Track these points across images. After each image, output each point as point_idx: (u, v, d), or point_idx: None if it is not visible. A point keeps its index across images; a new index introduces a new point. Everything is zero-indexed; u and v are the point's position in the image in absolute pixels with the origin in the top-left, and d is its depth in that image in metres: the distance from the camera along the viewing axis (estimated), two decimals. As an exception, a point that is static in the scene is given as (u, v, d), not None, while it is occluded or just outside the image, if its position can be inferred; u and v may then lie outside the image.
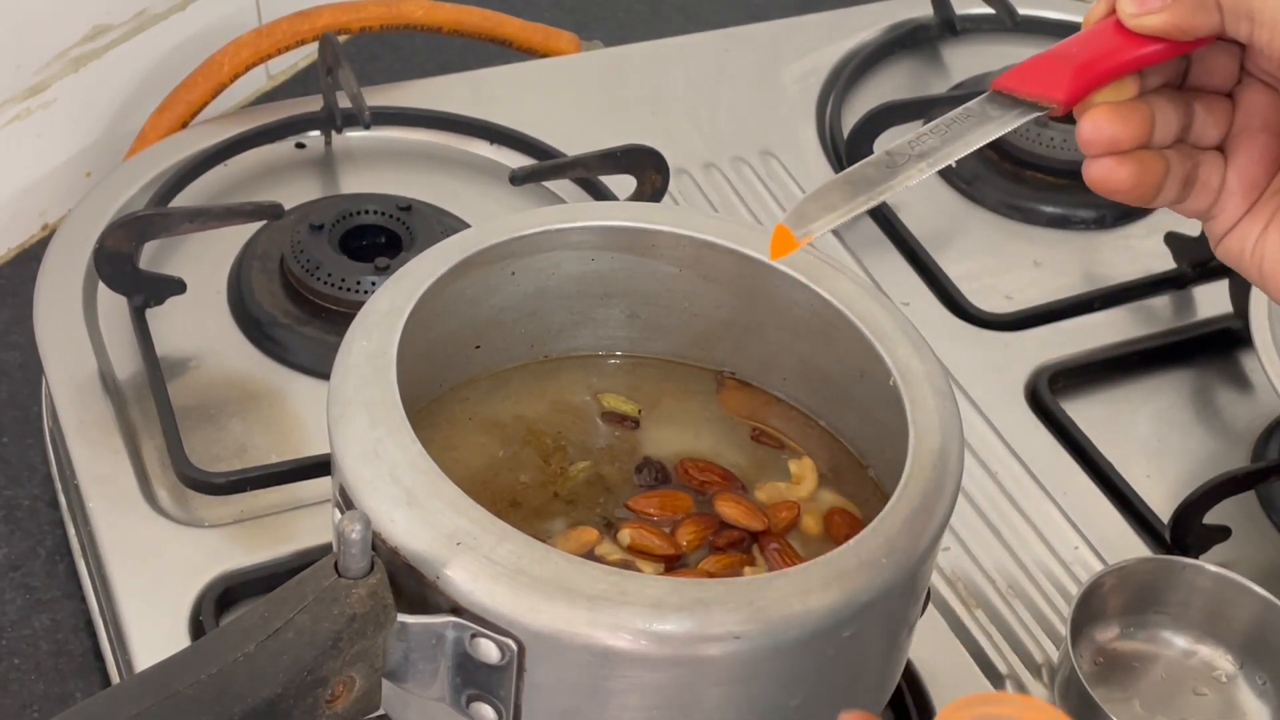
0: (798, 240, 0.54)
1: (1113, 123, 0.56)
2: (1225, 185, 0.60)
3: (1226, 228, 0.60)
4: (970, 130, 0.56)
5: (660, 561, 0.63)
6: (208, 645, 0.54)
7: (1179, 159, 0.58)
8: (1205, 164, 0.59)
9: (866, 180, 0.55)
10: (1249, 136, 0.59)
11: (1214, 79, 0.59)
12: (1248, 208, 0.60)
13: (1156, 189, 0.58)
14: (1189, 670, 0.76)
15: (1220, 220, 0.60)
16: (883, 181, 0.55)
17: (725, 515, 0.65)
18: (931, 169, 0.55)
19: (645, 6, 1.30)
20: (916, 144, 0.55)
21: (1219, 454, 0.88)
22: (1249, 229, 0.60)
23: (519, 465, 0.67)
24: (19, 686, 0.79)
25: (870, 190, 0.55)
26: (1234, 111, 0.59)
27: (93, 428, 0.81)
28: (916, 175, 0.55)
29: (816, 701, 0.58)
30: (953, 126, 0.56)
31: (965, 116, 0.56)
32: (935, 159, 0.55)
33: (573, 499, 0.66)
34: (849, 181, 0.55)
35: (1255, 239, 0.59)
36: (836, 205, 0.54)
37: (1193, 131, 0.59)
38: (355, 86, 0.95)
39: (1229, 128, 0.59)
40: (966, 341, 0.92)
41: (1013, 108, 0.56)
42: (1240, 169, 0.59)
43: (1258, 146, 0.59)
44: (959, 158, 0.55)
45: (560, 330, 0.70)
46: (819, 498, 0.67)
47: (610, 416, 0.69)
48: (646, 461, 0.67)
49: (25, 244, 1.03)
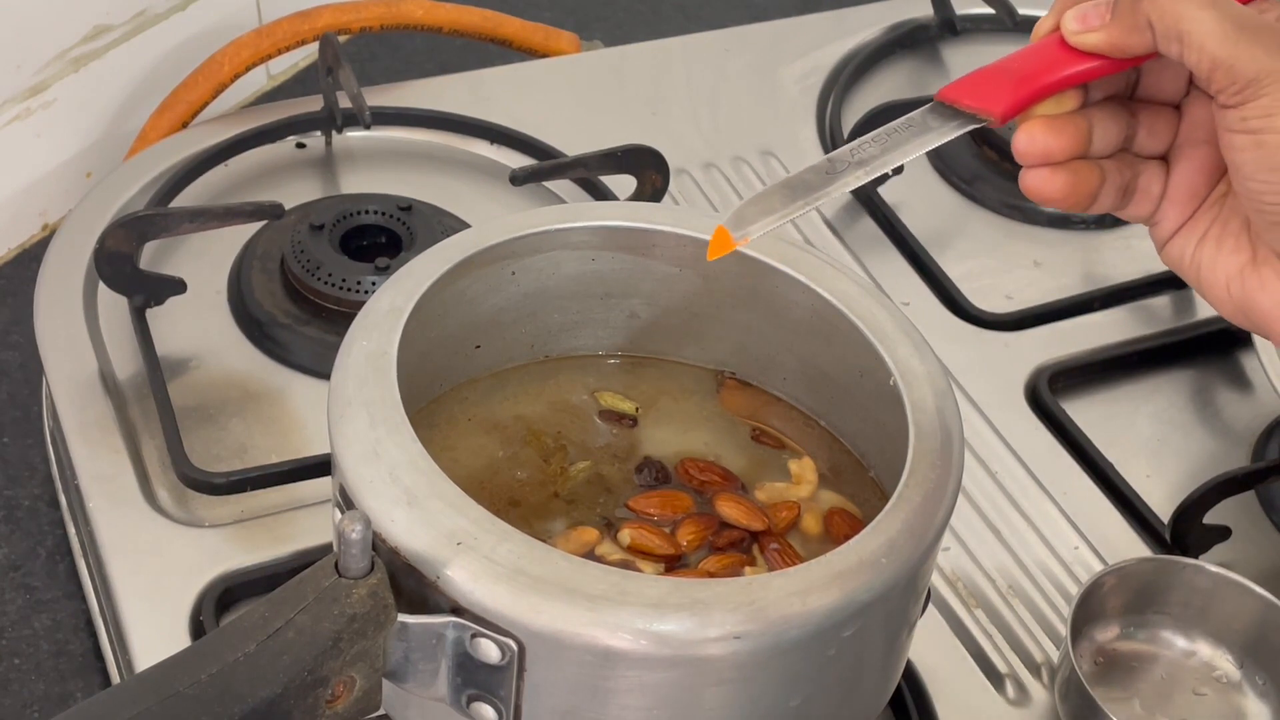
0: (735, 242, 0.55)
1: (1047, 135, 0.58)
2: (1166, 194, 0.61)
3: (1168, 235, 0.62)
4: (909, 140, 0.57)
5: (660, 561, 0.63)
6: (208, 645, 0.53)
7: (1118, 168, 0.60)
8: (1146, 173, 0.61)
9: (806, 185, 0.56)
10: (1192, 148, 0.60)
11: (1162, 91, 0.61)
12: (1188, 216, 0.61)
13: (1091, 198, 0.59)
14: (1189, 670, 0.76)
15: (1162, 227, 0.62)
16: (821, 187, 0.56)
17: (725, 515, 0.65)
18: (869, 176, 0.56)
19: (645, 6, 1.30)
20: (857, 151, 0.57)
21: (1219, 454, 0.88)
22: (1189, 237, 0.61)
23: (519, 465, 0.67)
24: (19, 686, 0.79)
25: (809, 195, 0.56)
26: (1179, 123, 0.61)
27: (93, 428, 0.81)
28: (854, 182, 0.56)
29: (816, 701, 0.58)
30: (893, 135, 0.57)
31: (906, 126, 0.57)
32: (873, 167, 0.57)
33: (573, 499, 0.66)
34: (789, 186, 0.56)
35: (1194, 247, 0.61)
36: (775, 209, 0.56)
37: (1136, 141, 0.61)
38: (355, 86, 0.95)
39: (1173, 139, 0.61)
40: (966, 341, 0.92)
41: (953, 119, 0.57)
42: (1181, 179, 0.61)
43: (1199, 158, 0.60)
44: (895, 166, 0.57)
45: (560, 330, 0.70)
46: (819, 498, 0.67)
47: (608, 415, 0.69)
48: (647, 461, 0.67)
49: (25, 244, 1.03)
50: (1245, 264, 0.59)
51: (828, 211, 1.00)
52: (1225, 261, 0.60)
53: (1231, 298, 0.60)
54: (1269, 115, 0.55)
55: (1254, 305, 0.59)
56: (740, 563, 0.63)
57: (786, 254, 0.67)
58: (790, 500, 0.66)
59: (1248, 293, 0.59)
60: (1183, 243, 0.61)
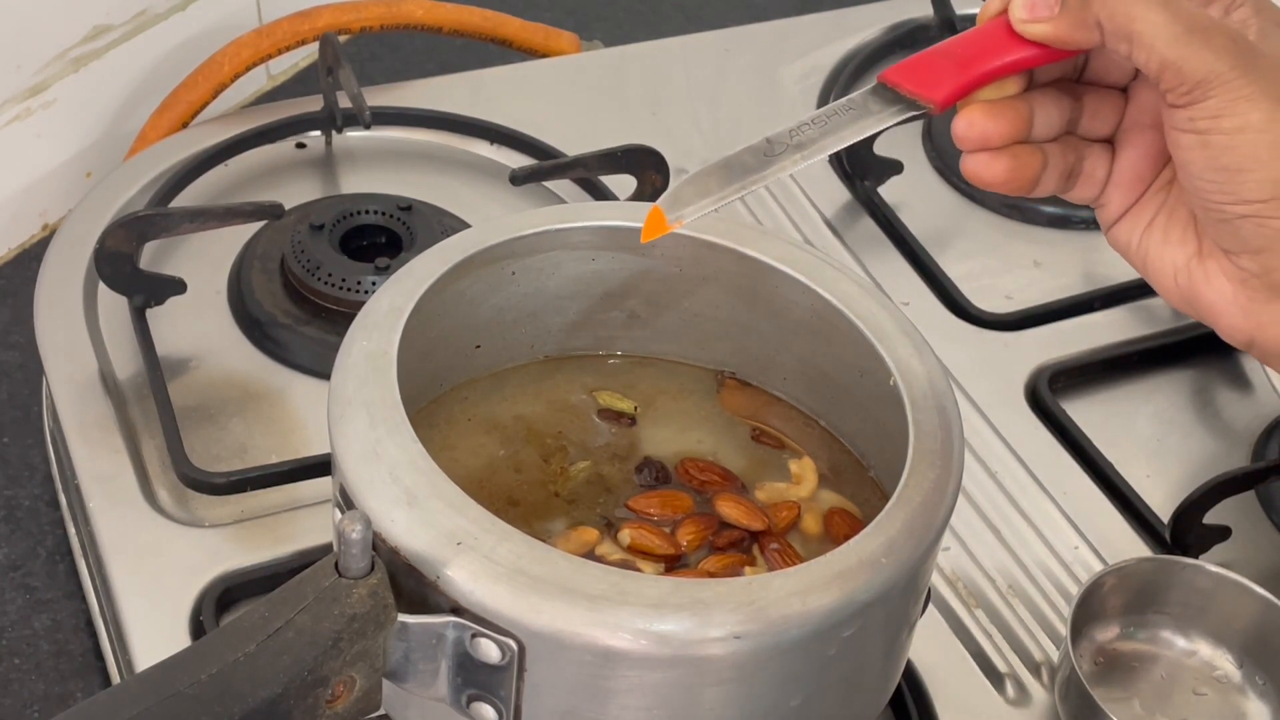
0: (669, 224, 0.55)
1: (986, 120, 0.57)
2: (1111, 178, 0.61)
3: (1113, 218, 0.62)
4: (848, 125, 0.57)
5: (660, 561, 0.63)
6: (208, 645, 0.53)
7: (1060, 152, 0.60)
8: (1091, 156, 0.61)
9: (743, 167, 0.56)
10: (1138, 132, 0.60)
11: (1109, 76, 0.61)
12: (1133, 201, 0.61)
13: (1033, 182, 0.59)
14: (1189, 670, 0.76)
15: (1107, 210, 0.62)
16: (758, 170, 0.56)
17: (725, 515, 0.65)
18: (807, 160, 0.56)
19: (645, 6, 1.30)
20: (796, 134, 0.56)
21: (1219, 454, 0.88)
22: (1135, 222, 0.61)
23: (519, 465, 0.67)
24: (19, 686, 0.79)
25: (745, 178, 0.56)
26: (1125, 107, 0.61)
27: (93, 428, 0.81)
28: (791, 166, 0.56)
29: (816, 701, 0.58)
30: (833, 119, 0.57)
31: (847, 109, 0.57)
32: (811, 151, 0.56)
33: (573, 499, 0.66)
34: (727, 167, 0.56)
35: (1140, 234, 0.61)
36: (712, 191, 0.56)
37: (1081, 124, 0.60)
38: (355, 86, 0.95)
39: (1119, 122, 0.61)
40: (966, 341, 0.92)
41: (893, 104, 0.57)
42: (1127, 163, 0.61)
43: (1145, 142, 0.60)
44: (833, 151, 0.56)
45: (560, 330, 0.70)
46: (819, 498, 0.67)
47: (606, 414, 0.69)
48: (647, 461, 0.67)
49: (25, 244, 1.03)
50: (1191, 256, 0.60)
51: (828, 211, 1.00)
52: (1172, 253, 0.60)
53: (1178, 288, 0.60)
54: (1216, 117, 0.55)
55: (1199, 297, 0.60)
56: (740, 562, 0.63)
57: (786, 254, 0.67)
58: (790, 500, 0.66)
59: (1194, 285, 0.60)
60: (1129, 227, 0.61)
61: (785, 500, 0.66)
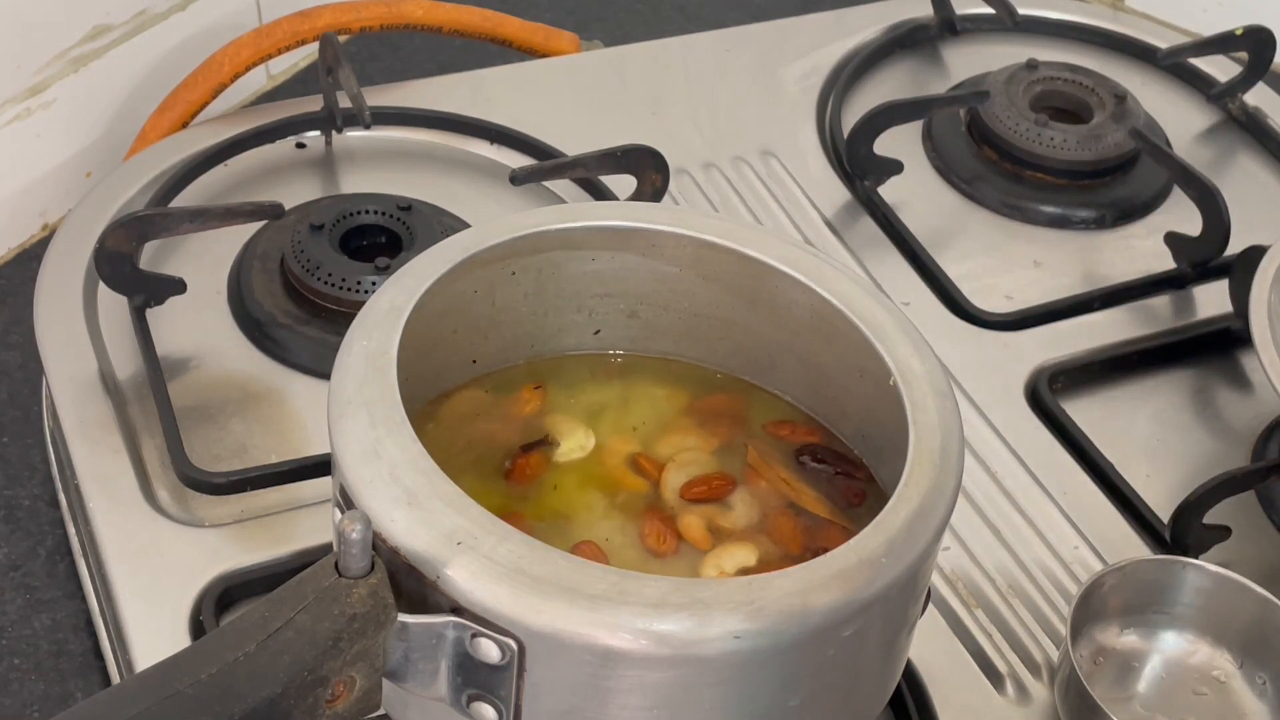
0: None
1: None
2: None
3: None
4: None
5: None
6: (208, 645, 0.53)
7: None
8: None
9: None
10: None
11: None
12: None
13: None
14: (1189, 670, 0.76)
15: None
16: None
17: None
18: None
19: (645, 6, 1.30)
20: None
21: (1219, 454, 0.88)
22: None
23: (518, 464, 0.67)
24: (19, 686, 0.79)
25: None
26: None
27: (93, 428, 0.81)
28: None
29: (816, 701, 0.58)
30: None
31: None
32: None
33: (571, 498, 0.66)
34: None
35: None
36: None
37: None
38: (355, 86, 0.95)
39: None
40: (966, 341, 0.92)
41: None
42: None
43: None
44: None
45: (560, 330, 0.70)
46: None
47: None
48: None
49: (25, 244, 1.03)
50: None
51: (828, 211, 1.00)
52: None
53: None
54: None
55: None
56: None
57: (786, 254, 0.67)
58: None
59: None
60: None
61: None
